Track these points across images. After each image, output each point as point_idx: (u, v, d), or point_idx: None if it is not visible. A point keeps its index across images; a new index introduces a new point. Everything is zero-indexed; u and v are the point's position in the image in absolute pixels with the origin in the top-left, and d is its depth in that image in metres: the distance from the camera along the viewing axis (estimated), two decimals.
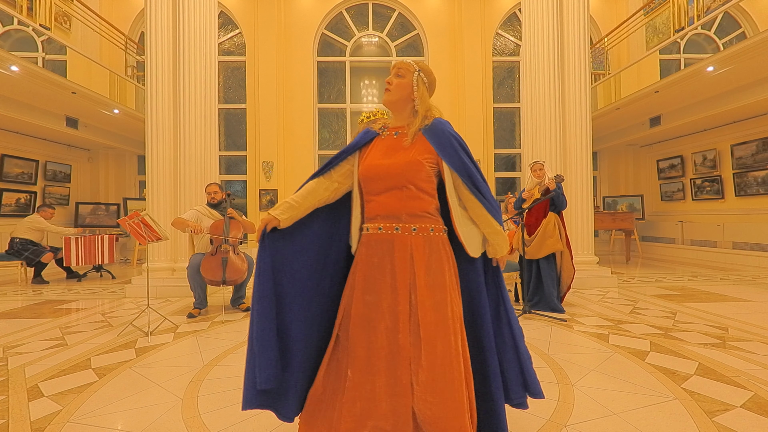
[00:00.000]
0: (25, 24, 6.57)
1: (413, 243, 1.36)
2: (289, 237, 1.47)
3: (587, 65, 5.23)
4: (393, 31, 9.37)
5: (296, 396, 1.42)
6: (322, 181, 1.49)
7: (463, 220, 1.42)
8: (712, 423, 1.76)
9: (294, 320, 1.42)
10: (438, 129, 1.41)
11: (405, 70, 1.47)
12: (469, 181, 1.38)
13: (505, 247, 1.47)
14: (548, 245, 3.96)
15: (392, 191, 1.38)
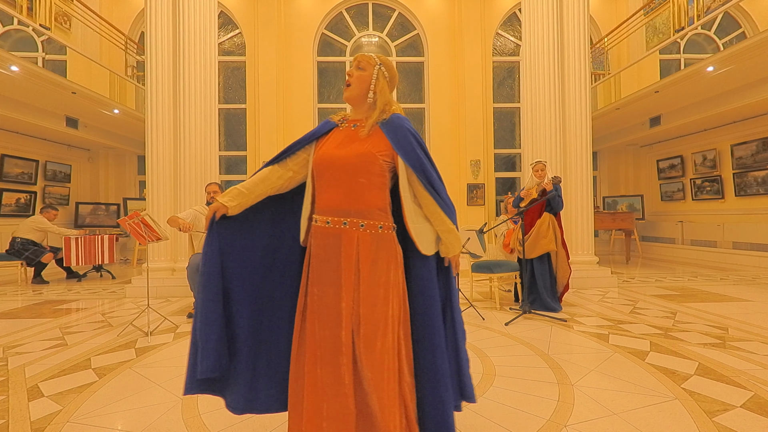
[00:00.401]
0: (25, 24, 6.57)
1: (360, 239, 1.34)
2: (238, 224, 1.45)
3: (587, 65, 5.23)
4: (393, 31, 9.37)
5: (245, 387, 1.41)
6: (276, 169, 1.47)
7: (416, 216, 1.39)
8: (712, 423, 1.76)
9: (242, 309, 1.42)
10: (395, 123, 1.39)
11: (366, 63, 1.45)
12: (424, 177, 1.36)
13: (458, 246, 1.44)
14: (541, 245, 3.97)
15: (343, 183, 1.35)
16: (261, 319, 1.46)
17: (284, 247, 1.51)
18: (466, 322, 3.47)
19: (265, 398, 1.45)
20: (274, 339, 1.47)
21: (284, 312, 1.48)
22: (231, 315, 1.40)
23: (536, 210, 4.06)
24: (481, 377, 2.32)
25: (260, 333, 1.45)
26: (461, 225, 8.74)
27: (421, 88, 9.46)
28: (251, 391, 1.43)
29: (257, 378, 1.44)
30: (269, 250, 1.49)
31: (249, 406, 1.43)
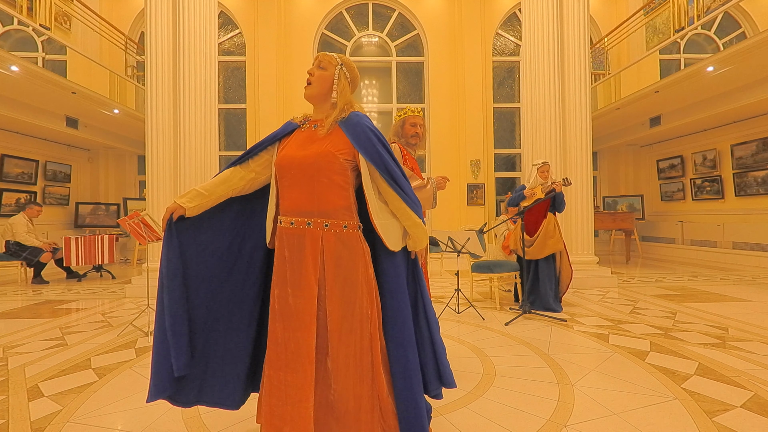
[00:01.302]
0: (25, 24, 6.57)
1: (325, 239, 1.35)
2: (198, 226, 1.46)
3: (587, 65, 5.22)
4: (393, 31, 9.36)
5: (196, 383, 1.45)
6: (237, 171, 1.48)
7: (382, 213, 1.40)
8: (712, 423, 1.76)
9: (198, 309, 1.43)
10: (354, 121, 1.39)
11: (327, 62, 1.45)
12: (387, 173, 1.37)
13: (424, 239, 1.46)
14: (550, 245, 3.97)
15: (305, 184, 1.36)
16: (218, 318, 1.47)
17: (248, 249, 1.52)
18: (466, 323, 3.48)
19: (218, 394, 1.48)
20: (231, 340, 1.48)
21: (244, 313, 1.49)
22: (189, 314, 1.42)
23: (540, 210, 4.05)
24: (481, 377, 2.32)
25: (215, 332, 1.47)
26: (461, 225, 8.78)
27: (421, 88, 9.46)
28: (202, 386, 1.46)
29: (209, 376, 1.46)
30: (231, 251, 1.50)
31: (198, 399, 1.47)
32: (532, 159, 5.24)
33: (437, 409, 1.93)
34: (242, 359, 1.50)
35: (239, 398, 1.52)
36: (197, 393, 1.46)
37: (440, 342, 1.51)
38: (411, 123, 2.53)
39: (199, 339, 1.44)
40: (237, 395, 1.51)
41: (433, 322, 1.51)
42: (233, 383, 1.49)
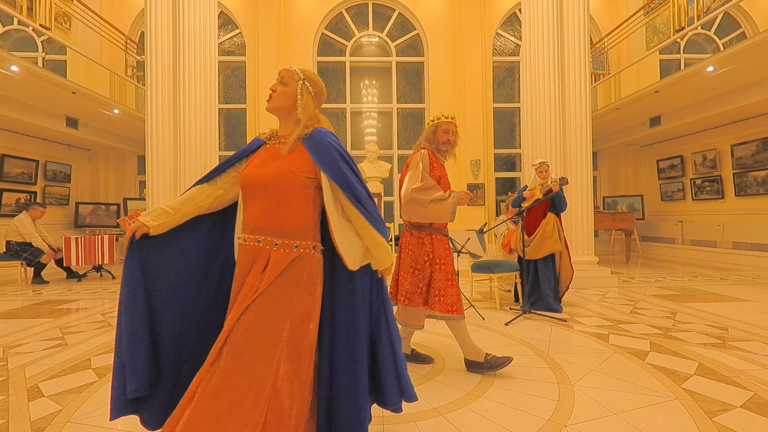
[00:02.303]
0: (25, 24, 6.57)
1: (272, 258, 1.31)
2: (163, 244, 1.43)
3: (587, 65, 5.23)
4: (393, 31, 9.36)
5: (161, 406, 1.40)
6: (205, 188, 1.47)
7: (344, 232, 1.38)
8: (712, 423, 1.76)
9: (165, 329, 1.40)
10: (316, 139, 1.37)
11: (289, 78, 1.44)
12: (349, 191, 1.34)
13: (388, 259, 1.44)
14: (547, 246, 3.96)
15: (263, 201, 1.34)
16: (187, 336, 1.44)
17: (218, 264, 1.50)
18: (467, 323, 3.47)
19: None
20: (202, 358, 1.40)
21: (215, 331, 1.42)
22: (153, 334, 1.39)
23: (540, 210, 4.06)
24: (481, 377, 2.32)
25: (184, 351, 1.43)
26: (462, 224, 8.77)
27: (421, 88, 9.46)
28: (168, 409, 1.38)
29: (177, 395, 1.38)
30: (201, 267, 1.48)
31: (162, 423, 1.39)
32: (532, 159, 5.24)
33: (437, 409, 1.93)
34: None
35: None
36: (163, 416, 1.39)
37: (401, 356, 1.52)
38: (444, 129, 2.52)
39: (166, 358, 1.40)
40: None
41: (396, 339, 1.50)
42: None
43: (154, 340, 1.38)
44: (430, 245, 2.39)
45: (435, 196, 2.29)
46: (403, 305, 2.40)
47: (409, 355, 2.60)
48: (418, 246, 2.40)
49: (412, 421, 1.82)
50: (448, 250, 2.43)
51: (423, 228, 2.42)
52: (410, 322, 2.41)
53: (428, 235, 2.41)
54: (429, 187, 2.32)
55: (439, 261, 2.37)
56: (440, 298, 2.33)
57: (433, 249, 2.39)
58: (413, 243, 2.42)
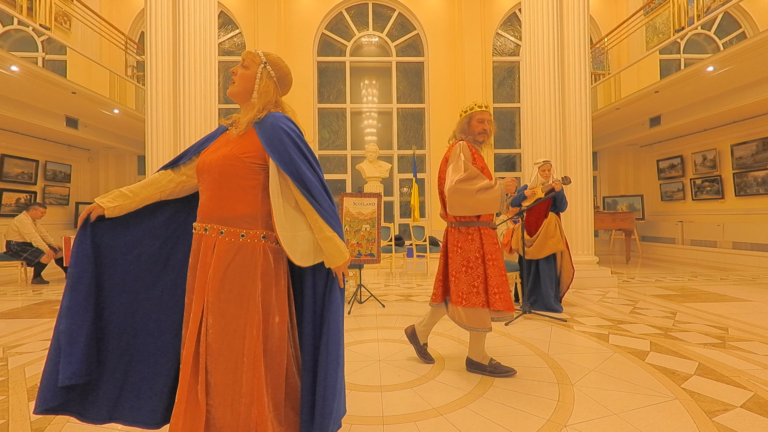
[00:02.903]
0: (25, 24, 6.57)
1: (218, 247, 1.26)
2: (121, 227, 1.39)
3: (587, 65, 5.23)
4: (393, 31, 9.37)
5: (110, 397, 1.34)
6: (168, 173, 1.43)
7: (288, 223, 1.29)
8: (712, 423, 1.76)
9: (115, 315, 1.35)
10: (268, 123, 1.30)
11: (250, 61, 1.38)
12: (299, 180, 1.27)
13: (338, 256, 1.31)
14: (550, 245, 3.96)
15: (210, 188, 1.30)
16: (142, 325, 1.39)
17: (180, 253, 1.45)
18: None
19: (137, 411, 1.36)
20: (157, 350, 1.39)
21: (172, 321, 1.40)
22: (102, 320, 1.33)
23: (541, 210, 4.05)
24: (481, 377, 2.32)
25: (138, 341, 1.38)
26: None
27: (421, 88, 9.46)
28: (118, 401, 1.35)
29: (128, 389, 1.36)
30: (161, 255, 1.43)
31: (112, 415, 1.35)
32: (532, 159, 5.24)
33: (437, 409, 1.93)
34: (167, 372, 1.39)
35: (161, 417, 1.38)
36: (111, 408, 1.34)
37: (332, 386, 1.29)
38: (478, 119, 2.39)
39: (115, 345, 1.35)
40: (158, 414, 1.37)
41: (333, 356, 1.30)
42: (155, 399, 1.37)
43: (101, 325, 1.33)
44: (479, 241, 2.30)
45: (481, 185, 2.17)
46: (463, 307, 2.28)
47: (487, 366, 2.37)
48: (467, 242, 2.31)
49: (412, 421, 1.82)
50: (497, 245, 2.34)
51: (470, 223, 2.32)
52: (473, 324, 2.28)
53: (476, 230, 2.32)
54: (474, 176, 2.21)
55: (490, 257, 2.28)
56: (500, 296, 2.24)
57: (483, 244, 2.30)
58: (462, 240, 2.32)
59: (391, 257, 6.43)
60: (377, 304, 4.20)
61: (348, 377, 2.32)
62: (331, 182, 9.27)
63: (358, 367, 2.47)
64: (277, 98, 1.41)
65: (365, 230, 4.20)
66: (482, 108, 2.40)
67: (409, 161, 9.01)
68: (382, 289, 5.14)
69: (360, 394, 2.10)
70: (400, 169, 9.27)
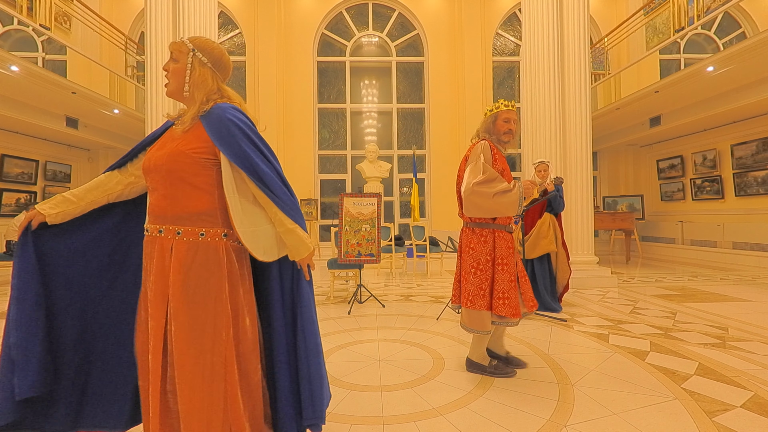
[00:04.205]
0: (25, 24, 6.57)
1: (176, 249, 1.20)
2: (68, 234, 1.32)
3: (587, 65, 5.23)
4: (393, 31, 9.37)
5: (71, 408, 1.29)
6: (115, 175, 1.36)
7: (247, 218, 1.24)
8: (712, 423, 1.76)
9: (69, 325, 1.30)
10: (215, 115, 1.23)
11: (178, 52, 1.30)
12: (252, 173, 1.22)
13: (302, 248, 1.28)
14: (542, 246, 3.96)
15: (160, 187, 1.23)
16: (100, 332, 1.35)
17: (134, 257, 1.39)
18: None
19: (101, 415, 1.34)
20: (117, 355, 1.36)
21: (131, 326, 1.35)
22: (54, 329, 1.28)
23: (536, 211, 4.06)
24: (481, 377, 2.32)
25: (97, 348, 1.35)
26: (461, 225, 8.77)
27: (421, 88, 9.46)
28: (81, 408, 1.31)
29: (89, 396, 1.32)
30: (114, 260, 1.38)
31: (76, 423, 1.32)
32: (532, 159, 5.24)
33: (437, 409, 1.93)
34: (130, 376, 1.36)
35: (126, 420, 1.36)
36: (74, 418, 1.30)
37: (317, 372, 1.30)
38: (504, 119, 2.33)
39: (72, 356, 1.30)
40: (123, 416, 1.36)
41: (312, 346, 1.30)
42: (120, 403, 1.35)
43: (55, 334, 1.28)
44: (492, 243, 2.28)
45: (500, 188, 2.13)
46: (466, 308, 2.29)
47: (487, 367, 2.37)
48: (480, 244, 2.28)
49: (413, 421, 1.82)
50: (511, 249, 2.31)
51: (485, 225, 2.30)
52: (474, 326, 2.28)
53: (491, 232, 2.30)
54: (492, 179, 2.17)
55: (501, 261, 2.26)
56: (504, 301, 2.22)
57: (495, 247, 2.28)
58: (475, 241, 2.30)
59: (391, 257, 6.43)
60: (377, 304, 4.20)
61: (348, 377, 2.32)
62: (331, 182, 9.27)
63: (358, 367, 2.47)
64: (219, 85, 1.33)
65: (365, 230, 4.20)
66: (509, 107, 2.35)
67: (409, 161, 9.01)
68: (382, 289, 5.14)
69: (360, 394, 2.10)
70: (400, 169, 9.27)
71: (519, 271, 2.33)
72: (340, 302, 4.33)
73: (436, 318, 3.63)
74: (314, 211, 8.70)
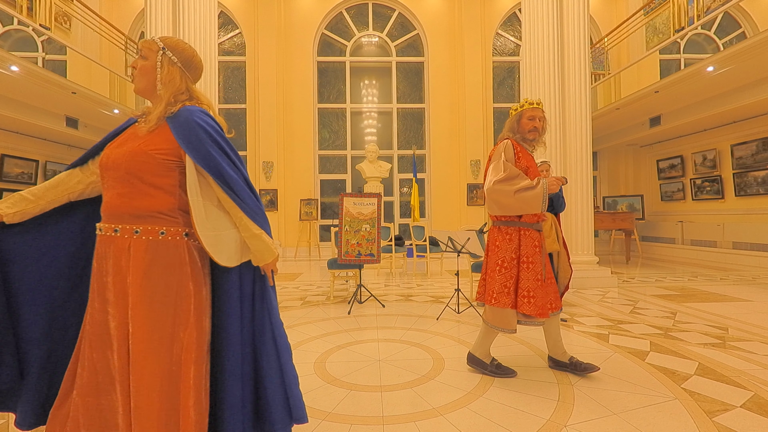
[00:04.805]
0: (25, 24, 6.57)
1: (133, 248, 1.18)
2: (29, 233, 1.31)
3: (587, 65, 5.23)
4: (393, 31, 9.37)
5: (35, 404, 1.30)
6: (75, 173, 1.34)
7: (210, 222, 1.22)
8: (712, 423, 1.76)
9: (33, 323, 1.29)
10: (182, 117, 1.22)
11: (148, 50, 1.27)
12: (219, 177, 1.21)
13: (267, 253, 1.28)
14: (545, 246, 3.95)
15: (116, 186, 1.20)
16: (65, 331, 1.34)
17: None
18: (466, 323, 3.48)
19: None
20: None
21: None
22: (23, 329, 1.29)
23: None
24: (481, 377, 2.32)
25: (62, 347, 1.34)
26: (461, 225, 8.77)
27: (421, 88, 9.46)
28: (46, 405, 1.31)
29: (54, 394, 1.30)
30: (79, 260, 1.36)
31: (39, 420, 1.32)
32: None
33: (437, 409, 1.93)
34: None
35: None
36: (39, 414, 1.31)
37: (292, 371, 1.32)
38: (529, 117, 2.32)
39: (37, 353, 1.30)
40: None
41: (284, 348, 1.32)
42: None
43: (19, 333, 1.29)
44: (517, 241, 2.27)
45: (521, 185, 2.13)
46: (491, 306, 2.28)
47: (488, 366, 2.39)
48: (505, 242, 2.28)
49: (412, 421, 1.82)
50: (538, 248, 2.29)
51: (510, 223, 2.29)
52: (497, 324, 2.27)
53: (516, 230, 2.29)
54: (514, 176, 2.18)
55: (526, 259, 2.25)
56: (529, 299, 2.20)
57: (521, 245, 2.27)
58: (500, 239, 2.30)
59: (391, 257, 6.43)
60: (377, 304, 4.20)
61: (348, 377, 2.32)
62: (331, 182, 9.28)
63: (358, 367, 2.47)
64: (188, 86, 1.33)
65: (365, 230, 4.20)
66: (534, 105, 2.34)
67: (409, 161, 9.01)
68: (382, 289, 5.14)
69: (360, 394, 2.10)
70: (400, 169, 9.27)
71: (546, 272, 2.32)
72: (340, 302, 4.33)
73: (436, 318, 3.63)
74: (314, 211, 8.70)
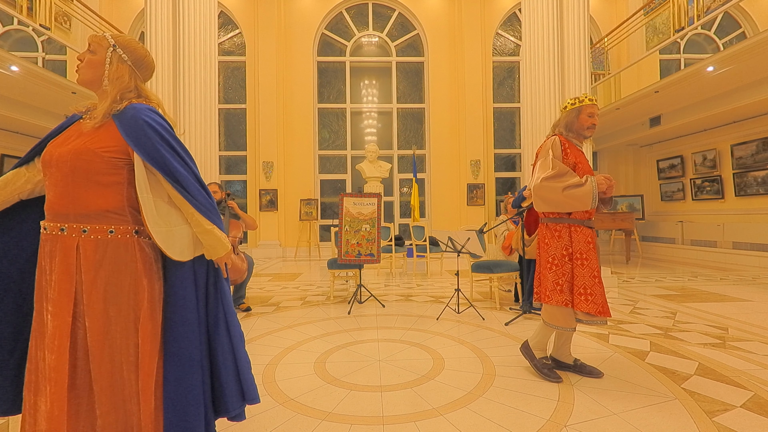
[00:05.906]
0: (25, 24, 6.57)
1: (82, 247, 1.17)
2: None
3: (587, 65, 5.23)
4: (393, 31, 9.37)
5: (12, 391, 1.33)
6: (22, 172, 1.33)
7: (161, 219, 1.24)
8: (712, 423, 1.76)
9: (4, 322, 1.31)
10: (129, 115, 1.22)
11: (97, 45, 1.28)
12: (168, 174, 1.22)
13: (220, 247, 1.31)
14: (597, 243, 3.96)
15: (60, 184, 1.19)
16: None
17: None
18: (466, 323, 3.48)
19: None
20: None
21: None
22: None
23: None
24: (481, 377, 2.32)
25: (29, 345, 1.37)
26: (461, 225, 8.76)
27: (421, 88, 9.46)
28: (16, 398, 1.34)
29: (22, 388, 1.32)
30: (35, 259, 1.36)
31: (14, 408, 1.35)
32: (532, 159, 5.24)
33: (437, 409, 1.93)
34: None
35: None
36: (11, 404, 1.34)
37: (244, 357, 1.38)
38: (588, 113, 2.29)
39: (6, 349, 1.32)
40: None
41: (237, 336, 1.37)
42: None
43: None
44: (567, 238, 2.24)
45: (570, 182, 2.12)
46: (546, 304, 2.26)
47: (536, 361, 2.36)
48: (554, 239, 2.26)
49: (412, 421, 1.82)
50: (591, 244, 2.23)
51: (559, 220, 2.28)
52: (552, 321, 2.24)
53: (566, 227, 2.26)
54: (562, 173, 2.16)
55: (579, 256, 2.20)
56: (586, 297, 2.15)
57: (572, 242, 2.23)
58: (549, 236, 2.29)
59: (391, 257, 6.43)
60: (377, 304, 4.20)
61: (348, 377, 2.32)
62: (331, 182, 9.28)
63: (358, 367, 2.47)
64: (136, 84, 1.33)
65: (365, 230, 4.20)
66: (593, 101, 2.33)
67: (409, 161, 9.01)
68: (382, 289, 5.14)
69: (360, 394, 2.10)
70: (400, 169, 9.28)
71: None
72: (340, 302, 4.33)
73: (436, 318, 3.63)
74: (314, 211, 8.70)
